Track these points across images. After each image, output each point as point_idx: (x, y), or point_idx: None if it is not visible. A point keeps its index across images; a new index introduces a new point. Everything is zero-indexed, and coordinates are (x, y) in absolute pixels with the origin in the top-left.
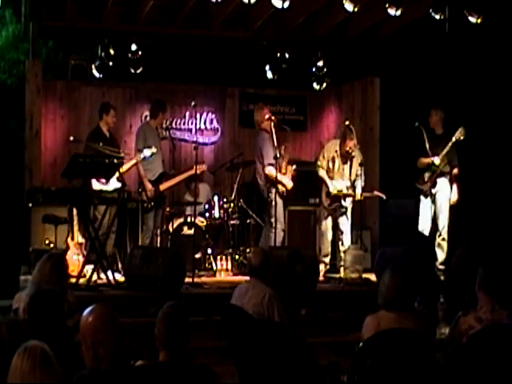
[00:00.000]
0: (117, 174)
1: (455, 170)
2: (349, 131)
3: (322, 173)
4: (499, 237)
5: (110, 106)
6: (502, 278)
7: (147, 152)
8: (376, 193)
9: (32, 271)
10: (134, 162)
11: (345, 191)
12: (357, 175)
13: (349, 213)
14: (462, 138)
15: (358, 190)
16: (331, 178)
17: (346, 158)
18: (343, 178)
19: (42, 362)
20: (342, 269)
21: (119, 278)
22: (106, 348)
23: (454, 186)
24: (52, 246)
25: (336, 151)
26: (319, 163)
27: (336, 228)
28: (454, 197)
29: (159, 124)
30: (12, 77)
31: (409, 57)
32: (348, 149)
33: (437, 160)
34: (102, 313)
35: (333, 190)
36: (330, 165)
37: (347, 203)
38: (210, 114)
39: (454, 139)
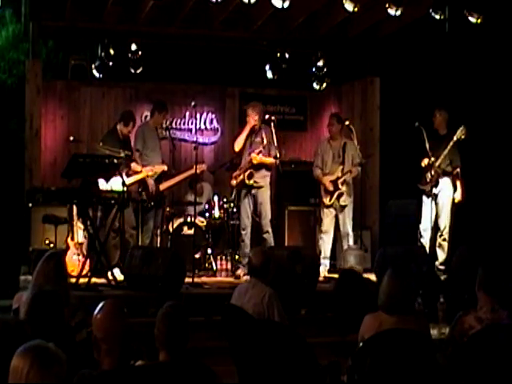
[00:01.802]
0: (120, 180)
1: (457, 170)
2: (348, 131)
3: (317, 172)
4: (499, 237)
5: (131, 118)
6: (502, 278)
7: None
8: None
9: (32, 271)
10: (141, 176)
11: (339, 174)
12: (354, 162)
13: (350, 212)
14: (463, 137)
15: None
16: (326, 173)
17: (335, 139)
18: (338, 165)
19: (38, 362)
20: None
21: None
22: (108, 345)
23: (458, 186)
24: (52, 246)
25: (328, 141)
26: (314, 163)
27: (337, 229)
28: (458, 196)
29: (158, 124)
30: (12, 77)
31: (409, 57)
32: (330, 126)
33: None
34: (110, 310)
35: (328, 185)
36: (325, 157)
37: (345, 189)
38: (210, 113)
39: (455, 138)
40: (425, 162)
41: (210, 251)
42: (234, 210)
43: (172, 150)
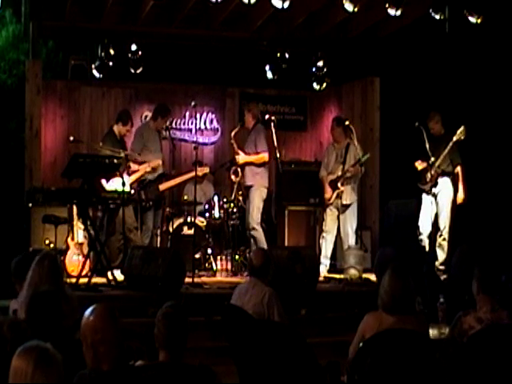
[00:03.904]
0: (120, 180)
1: (458, 169)
2: (348, 131)
3: (321, 173)
4: (500, 237)
5: (129, 118)
6: (500, 278)
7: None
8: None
9: (16, 276)
10: (139, 174)
11: (339, 174)
12: (356, 161)
13: (354, 212)
14: (462, 137)
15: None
16: (329, 173)
17: (338, 141)
18: (339, 164)
19: (41, 362)
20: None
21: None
22: (105, 347)
23: (460, 186)
24: (52, 246)
25: (333, 144)
26: (321, 165)
27: (339, 228)
28: (461, 195)
29: (159, 127)
30: (12, 77)
31: (409, 57)
32: (331, 131)
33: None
34: (103, 312)
35: (327, 188)
36: (329, 158)
37: (345, 188)
38: (210, 113)
39: (454, 139)
40: (419, 165)
41: (210, 251)
42: (234, 209)
43: (172, 150)
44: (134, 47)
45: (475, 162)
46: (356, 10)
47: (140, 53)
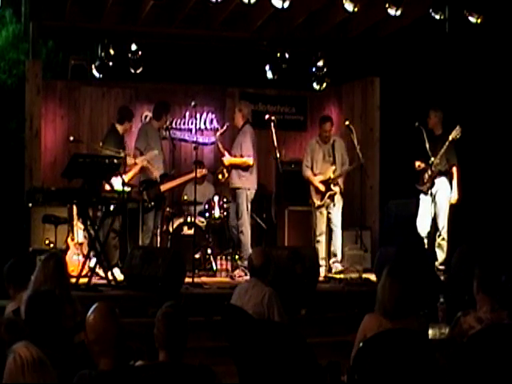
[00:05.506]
0: (120, 180)
1: (454, 169)
2: (348, 130)
3: (308, 173)
4: (500, 237)
5: (131, 115)
6: (500, 278)
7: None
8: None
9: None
10: (137, 168)
11: (331, 175)
12: (343, 161)
13: (339, 211)
14: (458, 136)
15: (345, 167)
16: (316, 173)
17: (327, 142)
18: (329, 164)
19: (36, 363)
20: (337, 265)
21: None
22: (104, 346)
23: (455, 186)
24: (52, 246)
25: (317, 141)
26: (304, 163)
27: (329, 227)
28: (455, 195)
29: (162, 126)
30: (12, 77)
31: (409, 57)
32: (325, 133)
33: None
34: (102, 311)
35: (320, 186)
36: (315, 156)
37: (337, 189)
38: (209, 113)
39: (450, 138)
40: (418, 164)
41: (209, 251)
42: None
43: (172, 150)
44: (134, 47)
45: (477, 162)
46: (356, 9)
47: (140, 53)
